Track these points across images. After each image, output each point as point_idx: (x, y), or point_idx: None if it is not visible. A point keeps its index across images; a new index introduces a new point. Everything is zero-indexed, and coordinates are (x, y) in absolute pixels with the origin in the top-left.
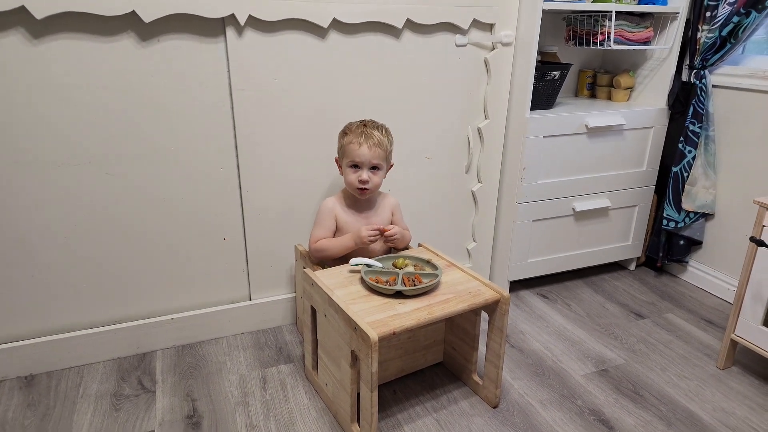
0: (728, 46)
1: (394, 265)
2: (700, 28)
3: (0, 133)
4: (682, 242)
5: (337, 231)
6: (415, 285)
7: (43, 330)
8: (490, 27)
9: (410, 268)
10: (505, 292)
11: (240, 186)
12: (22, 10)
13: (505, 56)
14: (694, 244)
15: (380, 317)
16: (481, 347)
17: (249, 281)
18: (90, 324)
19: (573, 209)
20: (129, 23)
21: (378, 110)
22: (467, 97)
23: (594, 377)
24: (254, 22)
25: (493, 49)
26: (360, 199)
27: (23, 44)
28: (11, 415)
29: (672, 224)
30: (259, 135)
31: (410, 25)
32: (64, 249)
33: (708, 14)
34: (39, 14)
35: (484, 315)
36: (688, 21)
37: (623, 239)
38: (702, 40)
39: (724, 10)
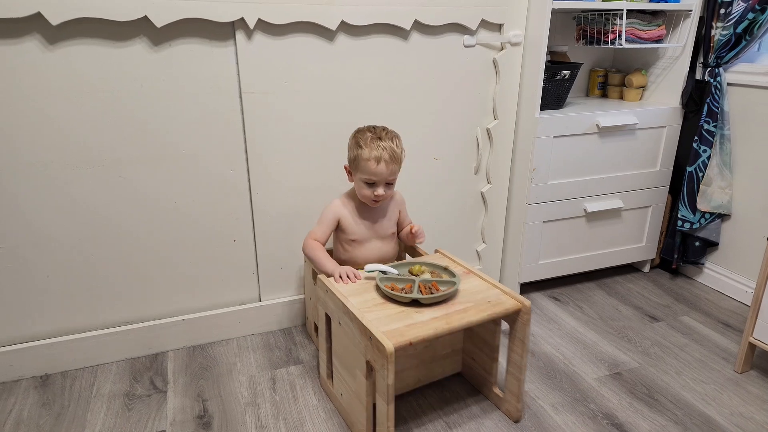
0: (743, 43)
1: (410, 272)
2: (714, 25)
3: (16, 136)
4: (697, 244)
5: (340, 231)
6: (432, 293)
7: (57, 330)
8: (498, 27)
9: (427, 275)
10: (527, 301)
11: (250, 188)
12: (38, 16)
13: (514, 56)
14: (710, 245)
15: (396, 326)
16: (501, 357)
17: (259, 283)
18: (103, 325)
19: (585, 210)
20: (141, 28)
21: (386, 111)
22: (476, 98)
23: (607, 380)
24: (263, 26)
25: (502, 49)
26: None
27: (39, 49)
28: (27, 414)
29: (687, 225)
30: (269, 137)
31: (418, 26)
32: (78, 250)
33: (722, 11)
34: (54, 20)
35: (504, 324)
36: (701, 18)
37: (637, 241)
38: (716, 38)
39: (738, 7)
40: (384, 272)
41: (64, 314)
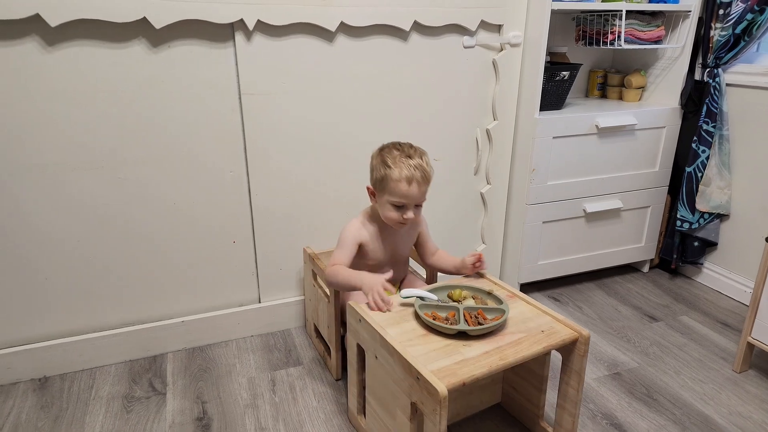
0: (742, 43)
1: (450, 297)
2: (713, 26)
3: (15, 137)
4: (696, 244)
5: (358, 255)
6: (479, 323)
7: (56, 333)
8: (498, 28)
9: (470, 302)
10: (584, 330)
11: (249, 189)
12: (37, 18)
13: (514, 57)
14: (709, 245)
15: (445, 364)
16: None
17: (258, 284)
18: (102, 327)
19: (584, 211)
20: (140, 29)
21: (386, 112)
22: (475, 99)
23: (606, 381)
24: (263, 27)
25: (502, 50)
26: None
27: (38, 51)
28: (25, 417)
29: (686, 225)
30: (268, 139)
31: (417, 27)
32: (76, 252)
33: (721, 12)
34: (53, 21)
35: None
36: (700, 19)
37: (636, 241)
38: (715, 38)
39: (737, 8)
40: (422, 298)
41: (63, 316)
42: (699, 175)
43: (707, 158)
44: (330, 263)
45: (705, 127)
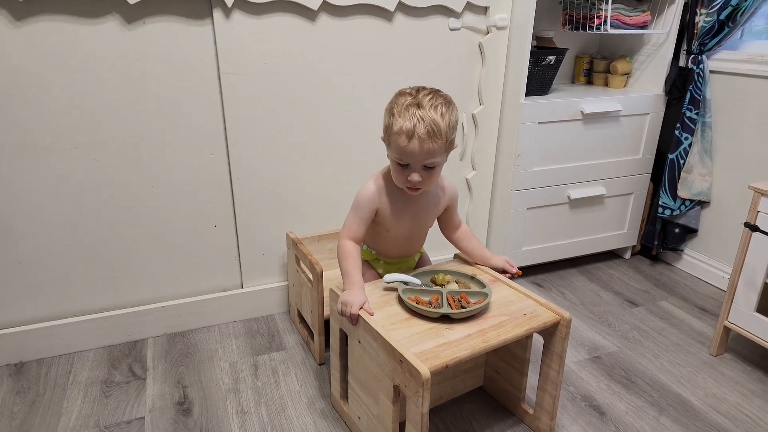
0: (726, 30)
1: (434, 282)
2: (698, 11)
3: None
4: (677, 230)
5: (375, 223)
6: (462, 306)
7: (32, 318)
8: (484, 10)
9: (453, 285)
10: (566, 313)
11: (230, 172)
12: None
13: (500, 40)
14: (690, 232)
15: (428, 347)
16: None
17: (241, 269)
18: (80, 312)
19: (568, 197)
20: (113, 4)
21: (368, 95)
22: (461, 83)
23: (587, 364)
24: (242, 4)
25: (488, 33)
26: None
27: (5, 26)
28: (0, 402)
29: (668, 212)
30: (249, 120)
31: (402, 7)
32: (50, 236)
33: None
34: None
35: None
36: (686, 5)
37: (619, 227)
38: (700, 24)
39: None
40: (406, 282)
41: (39, 301)
42: (681, 162)
43: (690, 145)
44: (342, 232)
45: (688, 114)
